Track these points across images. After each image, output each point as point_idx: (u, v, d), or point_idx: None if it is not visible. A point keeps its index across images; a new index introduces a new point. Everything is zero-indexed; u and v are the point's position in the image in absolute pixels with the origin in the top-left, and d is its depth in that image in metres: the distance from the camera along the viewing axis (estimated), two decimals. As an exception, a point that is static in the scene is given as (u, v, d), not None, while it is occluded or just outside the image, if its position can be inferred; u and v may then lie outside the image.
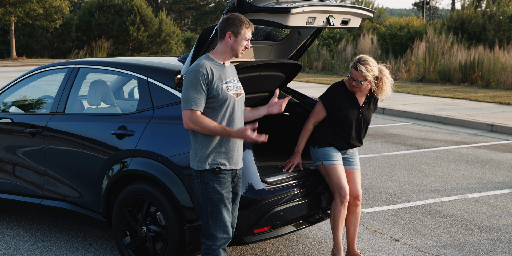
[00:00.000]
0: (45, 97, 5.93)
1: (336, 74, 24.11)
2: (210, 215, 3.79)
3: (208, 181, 3.77)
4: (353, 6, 4.61)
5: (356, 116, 4.73)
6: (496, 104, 14.45)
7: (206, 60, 3.77)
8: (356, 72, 4.60)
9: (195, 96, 3.67)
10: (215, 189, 3.77)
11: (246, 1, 4.03)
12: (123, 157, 4.57)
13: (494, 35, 24.35)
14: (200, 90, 3.67)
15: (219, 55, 3.82)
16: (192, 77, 3.69)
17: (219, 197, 3.78)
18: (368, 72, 4.60)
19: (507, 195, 6.88)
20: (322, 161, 4.70)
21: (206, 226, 3.81)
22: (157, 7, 55.19)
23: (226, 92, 3.78)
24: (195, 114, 3.67)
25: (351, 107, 4.71)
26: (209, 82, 3.70)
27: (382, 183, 7.32)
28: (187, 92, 3.69)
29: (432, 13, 60.13)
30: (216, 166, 3.76)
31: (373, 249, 5.14)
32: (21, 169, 5.39)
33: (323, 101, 4.73)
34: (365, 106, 4.78)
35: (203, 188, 3.80)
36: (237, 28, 3.73)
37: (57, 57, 37.65)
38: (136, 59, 5.23)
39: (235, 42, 3.77)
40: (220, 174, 3.78)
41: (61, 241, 5.26)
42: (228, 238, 3.86)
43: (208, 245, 3.81)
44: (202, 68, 3.70)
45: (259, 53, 5.16)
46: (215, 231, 3.80)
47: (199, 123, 3.67)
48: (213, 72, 3.73)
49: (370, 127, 11.71)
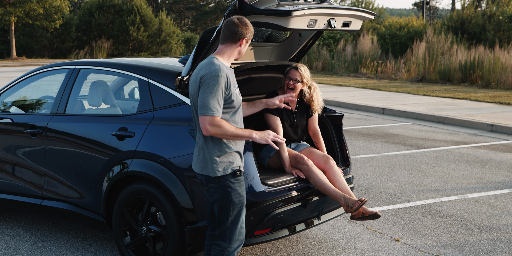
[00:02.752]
0: (45, 97, 5.94)
1: (336, 74, 24.11)
2: (231, 218, 3.72)
3: (229, 184, 3.69)
4: (354, 8, 4.61)
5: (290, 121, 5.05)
6: (496, 104, 14.46)
7: (221, 63, 3.65)
8: (296, 71, 4.90)
9: (215, 102, 3.57)
10: (238, 191, 3.72)
11: (247, 4, 4.03)
12: (123, 158, 4.58)
13: (494, 35, 24.35)
14: (220, 95, 3.58)
15: (226, 58, 3.74)
16: (214, 82, 3.56)
17: (241, 200, 3.75)
18: (305, 72, 4.93)
19: (507, 195, 6.89)
20: (269, 154, 4.89)
21: (225, 229, 3.75)
22: (157, 7, 55.18)
23: (239, 97, 3.75)
24: (215, 119, 3.56)
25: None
26: (227, 87, 3.63)
27: (382, 183, 7.33)
28: (208, 98, 3.55)
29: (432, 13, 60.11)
30: (238, 169, 3.72)
31: (373, 249, 5.15)
32: (21, 170, 5.39)
33: (271, 112, 4.91)
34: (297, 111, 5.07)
35: (224, 192, 3.69)
36: (250, 34, 3.72)
37: (57, 57, 37.65)
38: (137, 60, 5.23)
39: (243, 47, 3.75)
40: (240, 176, 3.74)
41: (61, 241, 5.27)
42: (242, 240, 3.83)
43: (224, 247, 3.77)
44: (223, 73, 3.59)
45: (260, 54, 5.17)
46: (232, 234, 3.76)
47: (221, 128, 3.56)
48: (229, 77, 3.65)
49: (370, 127, 11.73)
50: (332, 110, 5.38)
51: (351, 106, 14.73)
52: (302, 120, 5.10)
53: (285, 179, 4.57)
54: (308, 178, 4.68)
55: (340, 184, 4.77)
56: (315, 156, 4.90)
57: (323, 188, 4.63)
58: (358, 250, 5.13)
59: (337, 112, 5.35)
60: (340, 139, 5.28)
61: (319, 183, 4.64)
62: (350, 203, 4.57)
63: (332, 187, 4.64)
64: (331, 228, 5.69)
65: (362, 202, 4.55)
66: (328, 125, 5.29)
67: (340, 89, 18.42)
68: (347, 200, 4.57)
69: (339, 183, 4.77)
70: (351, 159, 5.67)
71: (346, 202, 4.57)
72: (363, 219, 4.68)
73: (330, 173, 4.80)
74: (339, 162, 5.22)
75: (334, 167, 4.83)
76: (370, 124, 12.25)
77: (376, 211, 4.65)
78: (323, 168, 4.81)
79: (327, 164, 4.83)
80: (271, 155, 4.90)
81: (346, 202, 4.58)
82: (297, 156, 4.77)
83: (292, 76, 4.89)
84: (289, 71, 4.94)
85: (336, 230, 5.63)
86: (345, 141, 5.30)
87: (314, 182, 4.65)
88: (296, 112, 5.07)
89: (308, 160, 4.73)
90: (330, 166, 4.83)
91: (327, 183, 4.65)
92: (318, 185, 4.64)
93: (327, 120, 5.31)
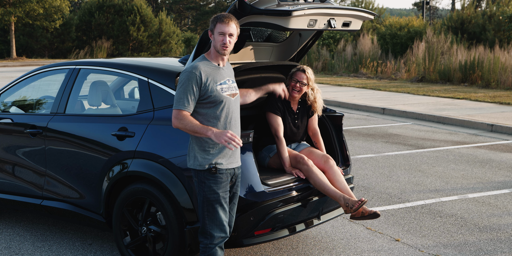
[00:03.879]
0: (45, 97, 5.94)
1: (336, 74, 24.11)
2: (206, 214, 3.84)
3: (204, 180, 3.83)
4: (354, 8, 4.61)
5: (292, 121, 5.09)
6: (496, 104, 14.46)
7: (201, 62, 3.84)
8: (303, 74, 4.96)
9: (184, 96, 3.75)
10: (211, 188, 3.82)
11: (247, 4, 4.03)
12: (123, 159, 4.58)
13: (494, 35, 24.35)
14: (190, 91, 3.75)
15: (211, 56, 3.89)
16: (184, 78, 3.78)
17: (215, 197, 3.83)
18: (311, 76, 5.00)
19: (507, 195, 6.89)
20: (269, 154, 4.93)
21: (203, 225, 3.87)
22: (157, 7, 55.16)
23: (220, 94, 3.83)
24: (180, 113, 3.76)
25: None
26: (202, 83, 3.77)
27: (382, 183, 7.33)
28: (178, 93, 3.80)
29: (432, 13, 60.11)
30: (213, 166, 3.81)
31: (373, 249, 5.15)
32: (21, 170, 5.39)
33: (273, 111, 4.95)
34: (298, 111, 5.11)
35: (199, 187, 3.85)
36: (212, 25, 3.81)
37: (57, 57, 37.64)
38: (137, 60, 5.23)
39: (214, 40, 3.83)
40: (216, 174, 3.82)
41: (61, 241, 5.27)
42: (225, 237, 3.91)
43: (206, 243, 3.87)
44: (196, 70, 3.77)
45: (260, 54, 5.17)
46: (212, 230, 3.85)
47: (182, 121, 3.75)
48: (207, 73, 3.79)
49: (370, 127, 11.73)
50: (332, 110, 5.38)
51: (351, 106, 14.74)
52: (303, 120, 5.11)
53: (285, 179, 4.57)
54: (308, 178, 4.68)
55: (340, 183, 4.77)
56: (315, 156, 4.91)
57: (322, 189, 4.63)
58: (358, 250, 5.13)
59: (337, 112, 5.35)
60: (340, 139, 5.28)
61: (319, 184, 4.64)
62: (350, 204, 4.56)
63: (332, 188, 4.64)
64: (331, 228, 5.69)
65: (361, 202, 4.54)
66: (328, 125, 5.29)
67: (340, 89, 18.42)
68: (347, 201, 4.57)
69: (339, 183, 4.77)
70: (351, 159, 5.67)
71: (345, 202, 4.57)
72: (363, 219, 4.68)
73: (330, 172, 4.80)
74: (339, 162, 5.22)
75: (333, 167, 4.83)
76: (370, 124, 12.25)
77: (375, 211, 4.65)
78: (323, 167, 4.81)
79: (327, 164, 4.83)
80: (271, 155, 4.90)
81: (346, 203, 4.57)
82: (297, 156, 4.78)
83: (299, 79, 4.95)
84: (295, 73, 4.97)
85: (336, 230, 5.63)
86: (345, 141, 5.30)
87: (314, 182, 4.65)
88: (298, 112, 5.08)
89: (308, 160, 4.73)
90: (330, 166, 4.83)
91: (327, 184, 4.65)
92: (318, 185, 4.64)
93: (327, 120, 5.32)
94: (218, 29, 3.78)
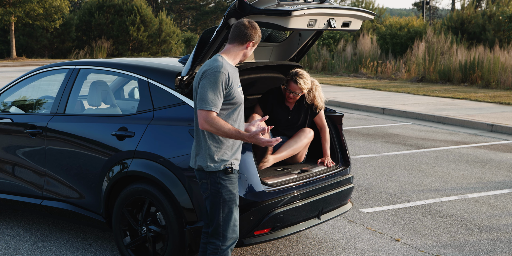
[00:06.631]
0: (45, 97, 5.94)
1: (336, 74, 24.11)
2: (222, 215, 3.77)
3: (220, 181, 3.75)
4: (354, 8, 4.61)
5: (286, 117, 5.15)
6: (496, 104, 14.46)
7: (224, 61, 3.72)
8: (296, 85, 4.97)
9: (214, 97, 3.63)
10: (228, 189, 3.76)
11: (247, 4, 4.03)
12: (123, 158, 4.58)
13: (494, 35, 24.35)
14: (220, 91, 3.65)
15: (232, 57, 3.80)
16: (214, 78, 3.63)
17: (232, 197, 3.78)
18: (305, 85, 4.99)
19: (507, 195, 6.89)
20: None
21: (217, 226, 3.79)
22: (157, 7, 55.17)
23: (240, 96, 3.80)
24: (211, 115, 3.63)
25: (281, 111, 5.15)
26: (228, 84, 3.68)
27: (382, 183, 7.33)
28: (206, 92, 3.63)
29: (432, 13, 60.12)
30: (229, 166, 3.76)
31: (373, 249, 5.15)
32: (21, 170, 5.39)
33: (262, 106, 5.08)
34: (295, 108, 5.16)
35: (214, 188, 3.75)
36: (258, 38, 3.79)
37: (57, 57, 37.64)
38: (137, 60, 5.24)
39: (249, 50, 3.82)
40: (232, 174, 3.78)
41: (61, 241, 5.27)
42: (236, 238, 3.86)
43: (218, 245, 3.80)
44: (224, 70, 3.66)
45: (260, 54, 5.17)
46: (225, 232, 3.79)
47: (214, 124, 3.62)
48: (231, 75, 3.71)
49: (370, 127, 11.73)
50: (332, 110, 5.38)
51: (351, 106, 14.74)
52: (298, 117, 5.14)
53: (285, 179, 4.57)
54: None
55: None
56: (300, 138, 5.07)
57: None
58: (358, 250, 5.13)
59: (337, 112, 5.36)
60: (340, 139, 5.28)
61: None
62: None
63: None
64: (331, 228, 5.69)
65: None
66: (328, 125, 5.29)
67: (340, 89, 18.43)
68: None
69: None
70: (351, 159, 5.67)
71: None
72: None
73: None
74: (339, 162, 5.21)
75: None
76: (370, 124, 12.25)
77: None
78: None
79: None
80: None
81: None
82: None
83: (292, 90, 5.00)
84: (289, 82, 5.00)
85: (336, 230, 5.63)
86: (345, 141, 5.30)
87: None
88: (293, 110, 5.11)
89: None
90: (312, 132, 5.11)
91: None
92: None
93: (327, 120, 5.32)
94: (256, 40, 3.79)
